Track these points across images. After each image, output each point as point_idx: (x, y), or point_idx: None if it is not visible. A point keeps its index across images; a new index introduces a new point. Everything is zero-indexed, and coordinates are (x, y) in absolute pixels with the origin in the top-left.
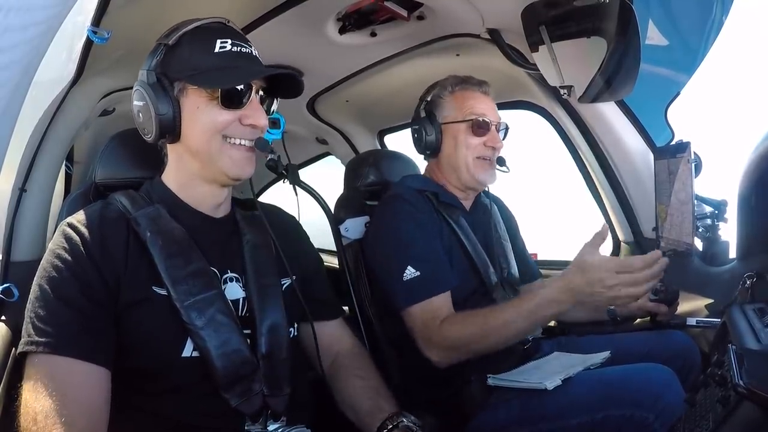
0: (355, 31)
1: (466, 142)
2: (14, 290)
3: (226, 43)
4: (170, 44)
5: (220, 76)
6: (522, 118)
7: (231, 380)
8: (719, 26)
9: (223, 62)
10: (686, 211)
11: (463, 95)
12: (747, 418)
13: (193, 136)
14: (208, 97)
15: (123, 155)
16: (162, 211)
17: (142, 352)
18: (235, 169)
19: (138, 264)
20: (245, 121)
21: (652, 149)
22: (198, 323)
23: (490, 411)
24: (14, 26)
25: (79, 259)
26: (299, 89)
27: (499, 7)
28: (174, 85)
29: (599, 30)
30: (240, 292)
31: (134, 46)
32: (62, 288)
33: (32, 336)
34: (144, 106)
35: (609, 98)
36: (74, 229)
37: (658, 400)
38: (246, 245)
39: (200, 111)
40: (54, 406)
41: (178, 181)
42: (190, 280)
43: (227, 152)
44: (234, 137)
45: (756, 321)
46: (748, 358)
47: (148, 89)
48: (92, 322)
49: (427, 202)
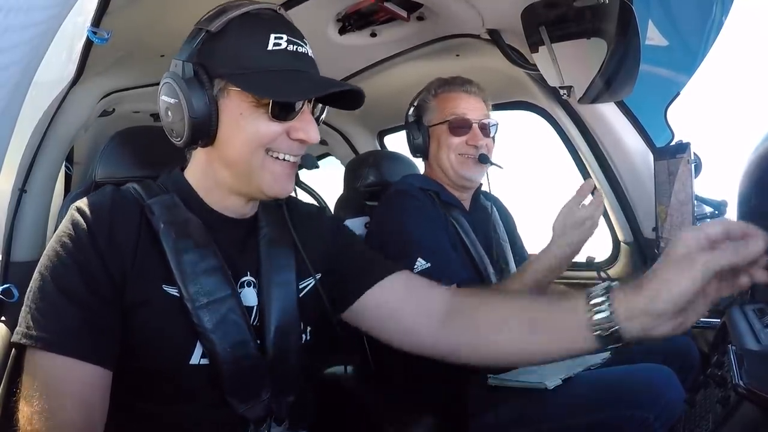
0: (355, 31)
1: (447, 143)
2: (14, 290)
3: (281, 40)
4: (213, 31)
5: (276, 84)
6: (522, 119)
7: (238, 386)
8: (719, 26)
9: (277, 64)
10: (686, 211)
11: (445, 97)
12: (747, 419)
13: (232, 145)
14: (255, 103)
15: (123, 154)
16: (178, 201)
17: (146, 356)
18: (276, 187)
19: (148, 258)
20: (294, 135)
21: (652, 150)
22: (209, 326)
23: (490, 411)
24: (14, 26)
25: (84, 249)
26: (359, 102)
27: (499, 8)
28: (214, 82)
29: (599, 30)
30: (254, 299)
31: (134, 47)
32: (64, 279)
33: (30, 329)
34: (175, 105)
35: (609, 99)
36: (82, 215)
37: (658, 400)
38: (262, 240)
39: (244, 118)
40: (50, 407)
41: (202, 185)
42: (203, 279)
43: (269, 167)
44: (279, 152)
45: (756, 321)
46: (748, 358)
47: (182, 84)
48: (95, 318)
49: (431, 199)
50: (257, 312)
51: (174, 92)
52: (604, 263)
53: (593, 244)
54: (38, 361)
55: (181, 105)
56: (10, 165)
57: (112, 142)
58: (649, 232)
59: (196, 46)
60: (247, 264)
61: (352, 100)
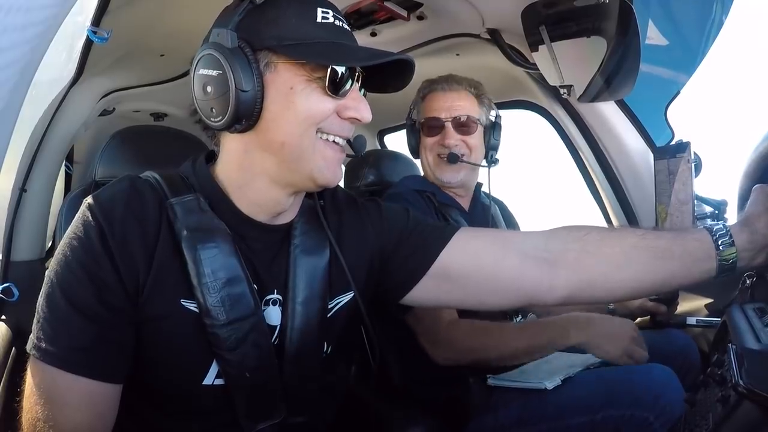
0: (355, 30)
1: (423, 144)
2: (14, 290)
3: (328, 14)
4: (258, 2)
5: (334, 53)
6: (522, 118)
7: (253, 408)
8: (719, 26)
9: (326, 36)
10: (686, 211)
11: (429, 97)
12: (747, 418)
13: (280, 125)
14: (307, 77)
15: (124, 154)
16: (204, 204)
17: (158, 374)
18: (327, 173)
19: (166, 268)
20: (345, 114)
21: (652, 149)
22: (228, 346)
23: (489, 411)
24: (14, 26)
25: (95, 254)
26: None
27: (499, 7)
28: (258, 55)
29: (599, 30)
30: (277, 318)
31: (134, 47)
32: (73, 291)
33: (40, 340)
34: (218, 78)
35: (609, 98)
36: (93, 213)
37: (658, 399)
38: (294, 251)
39: (295, 93)
40: (54, 415)
41: (235, 181)
42: (225, 295)
43: (321, 150)
44: (330, 133)
45: (756, 321)
46: (748, 357)
47: (227, 55)
48: (106, 332)
49: (427, 201)
50: (279, 332)
51: (217, 63)
52: None
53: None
54: (45, 371)
55: (226, 77)
56: (10, 164)
57: (112, 142)
58: None
59: (238, 18)
60: (275, 279)
61: (396, 79)
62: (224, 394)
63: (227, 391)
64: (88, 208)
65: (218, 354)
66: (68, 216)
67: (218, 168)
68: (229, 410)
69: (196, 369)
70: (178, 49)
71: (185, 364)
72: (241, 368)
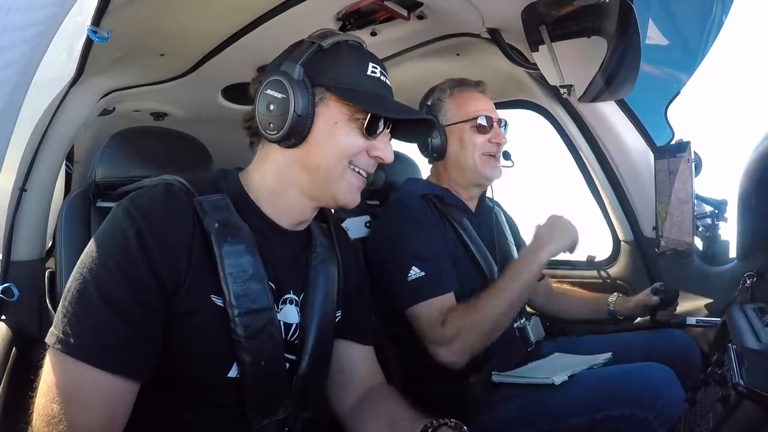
0: (355, 30)
1: (472, 141)
2: (14, 290)
3: (376, 69)
4: (325, 47)
5: (375, 102)
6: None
7: (262, 402)
8: (719, 26)
9: (372, 87)
10: (686, 210)
11: (462, 96)
12: (747, 418)
13: (321, 150)
14: (349, 116)
15: (124, 154)
16: (229, 203)
17: (184, 367)
18: (349, 197)
19: (202, 265)
20: (373, 152)
21: (652, 149)
22: (249, 334)
23: (490, 411)
24: (14, 26)
25: (134, 256)
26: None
27: (499, 7)
28: (315, 89)
29: (599, 29)
30: (295, 317)
31: (134, 46)
32: (109, 289)
33: (68, 335)
34: (282, 100)
35: (609, 98)
36: (131, 217)
37: (658, 399)
38: (315, 259)
39: (338, 128)
40: (71, 413)
41: (270, 187)
42: (248, 287)
43: (348, 177)
44: (358, 166)
45: (756, 320)
46: (748, 357)
47: (294, 83)
48: (138, 331)
49: (431, 206)
50: (297, 329)
51: (283, 89)
52: (604, 262)
53: (594, 244)
54: (66, 366)
55: (288, 101)
56: (10, 164)
57: (112, 142)
58: (649, 231)
59: (307, 55)
60: (293, 280)
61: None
62: (238, 387)
63: (240, 385)
64: (124, 210)
65: (237, 343)
66: (68, 216)
67: (252, 174)
68: (239, 403)
69: (221, 361)
70: (178, 48)
71: (212, 357)
72: (258, 356)
